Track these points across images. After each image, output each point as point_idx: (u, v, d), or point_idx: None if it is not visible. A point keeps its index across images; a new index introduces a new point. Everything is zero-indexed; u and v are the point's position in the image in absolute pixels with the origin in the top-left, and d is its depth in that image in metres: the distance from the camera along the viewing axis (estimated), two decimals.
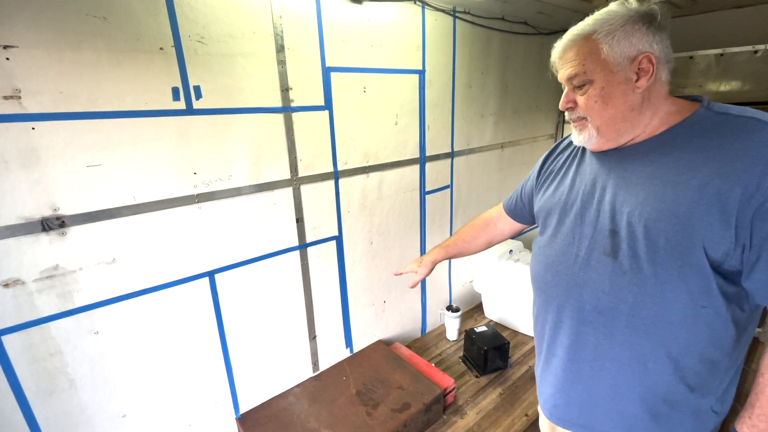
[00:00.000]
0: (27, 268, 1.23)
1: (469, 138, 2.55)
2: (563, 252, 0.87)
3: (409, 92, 2.12)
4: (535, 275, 0.96)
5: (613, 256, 0.77)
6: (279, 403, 1.91)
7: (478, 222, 1.32)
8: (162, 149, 1.40)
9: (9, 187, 1.16)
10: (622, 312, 0.77)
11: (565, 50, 0.81)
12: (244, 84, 1.54)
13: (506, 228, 1.27)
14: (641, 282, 0.75)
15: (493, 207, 1.32)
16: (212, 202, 1.56)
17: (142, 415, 1.55)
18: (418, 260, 1.32)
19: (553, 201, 0.93)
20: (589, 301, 0.81)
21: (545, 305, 0.93)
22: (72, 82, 1.20)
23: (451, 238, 1.35)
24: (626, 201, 0.77)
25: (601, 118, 0.80)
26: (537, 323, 1.00)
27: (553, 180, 0.98)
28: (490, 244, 1.32)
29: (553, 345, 0.92)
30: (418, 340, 2.66)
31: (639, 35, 0.74)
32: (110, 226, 1.35)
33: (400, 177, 2.22)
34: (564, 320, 0.88)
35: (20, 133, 1.15)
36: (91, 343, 1.39)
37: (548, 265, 0.90)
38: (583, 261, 0.82)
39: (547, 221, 0.94)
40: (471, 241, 1.31)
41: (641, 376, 0.79)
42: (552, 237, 0.91)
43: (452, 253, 1.32)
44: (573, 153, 0.97)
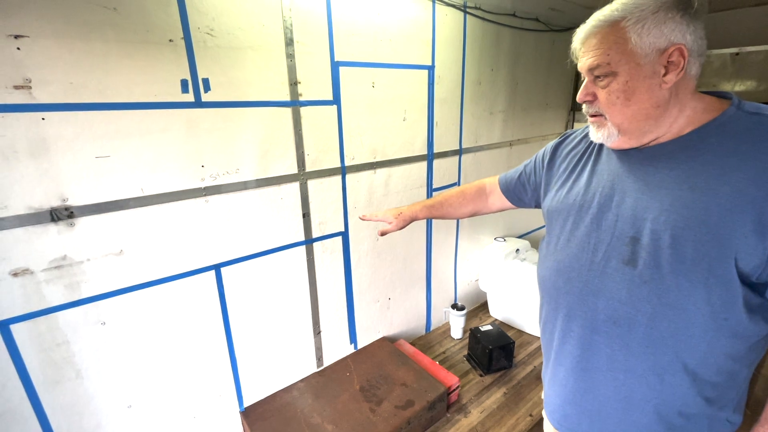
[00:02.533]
0: (35, 257, 1.23)
1: (478, 135, 2.53)
2: (577, 258, 0.82)
3: (418, 88, 2.10)
4: (545, 280, 0.92)
5: (632, 264, 0.73)
6: (283, 398, 1.92)
7: (469, 190, 1.26)
8: (170, 142, 1.40)
9: (18, 177, 1.17)
10: (640, 323, 0.73)
11: (588, 37, 0.74)
12: (252, 77, 1.53)
13: (496, 203, 1.23)
14: (662, 293, 0.70)
15: (486, 178, 1.26)
16: (219, 195, 1.56)
17: (147, 406, 1.56)
18: (395, 210, 1.25)
19: (567, 203, 0.88)
20: (604, 310, 0.77)
21: (555, 312, 0.89)
22: (82, 73, 1.20)
23: (437, 198, 1.27)
24: (649, 206, 0.72)
25: (621, 115, 0.74)
26: (545, 330, 0.95)
27: (567, 179, 0.92)
28: (474, 214, 1.28)
29: (561, 353, 0.88)
30: (422, 337, 2.65)
31: (672, 24, 0.67)
32: (118, 217, 1.36)
33: (408, 173, 2.20)
34: (574, 329, 0.84)
35: (30, 123, 1.15)
36: (97, 333, 1.39)
37: (560, 271, 0.86)
38: (599, 268, 0.78)
39: (559, 224, 0.89)
40: (457, 207, 1.25)
41: (657, 389, 0.76)
42: (565, 241, 0.86)
43: (435, 214, 1.26)
44: (589, 149, 0.90)
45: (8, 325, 1.23)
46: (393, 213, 1.23)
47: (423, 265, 2.50)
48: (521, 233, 3.18)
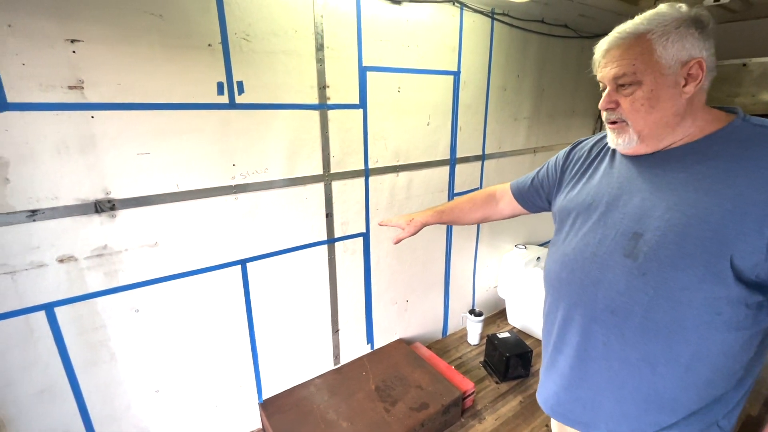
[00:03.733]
0: (80, 246, 1.32)
1: (501, 141, 2.52)
2: (581, 251, 0.87)
3: (443, 93, 2.12)
4: (549, 272, 0.96)
5: (633, 257, 0.77)
6: (300, 392, 1.96)
7: (479, 196, 1.29)
8: (205, 141, 1.47)
9: (68, 171, 1.26)
10: (636, 313, 0.77)
11: (612, 48, 0.79)
12: (283, 80, 1.59)
13: (507, 209, 1.25)
14: (659, 285, 0.75)
15: (497, 184, 1.29)
16: (248, 193, 1.62)
17: (173, 392, 1.63)
18: (407, 216, 1.27)
19: (576, 201, 0.93)
20: (603, 300, 0.82)
21: (556, 302, 0.93)
22: (128, 75, 1.29)
23: (448, 204, 1.31)
24: (656, 205, 0.77)
25: (644, 122, 0.78)
26: (547, 321, 0.99)
27: (578, 180, 0.96)
28: (484, 221, 1.31)
29: (560, 342, 0.92)
30: (438, 341, 2.65)
31: (692, 40, 0.73)
32: (154, 211, 1.44)
33: (430, 177, 2.22)
34: (575, 317, 0.88)
35: (81, 121, 1.25)
36: (131, 320, 1.47)
37: (564, 263, 0.90)
38: (601, 261, 0.82)
39: (567, 221, 0.94)
40: (468, 213, 1.28)
41: (649, 378, 0.79)
42: (573, 236, 0.91)
43: (445, 219, 1.28)
44: (602, 153, 0.95)
45: (53, 308, 1.32)
46: (405, 219, 1.26)
47: (442, 270, 2.51)
48: (542, 241, 3.15)
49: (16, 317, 1.27)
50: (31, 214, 1.22)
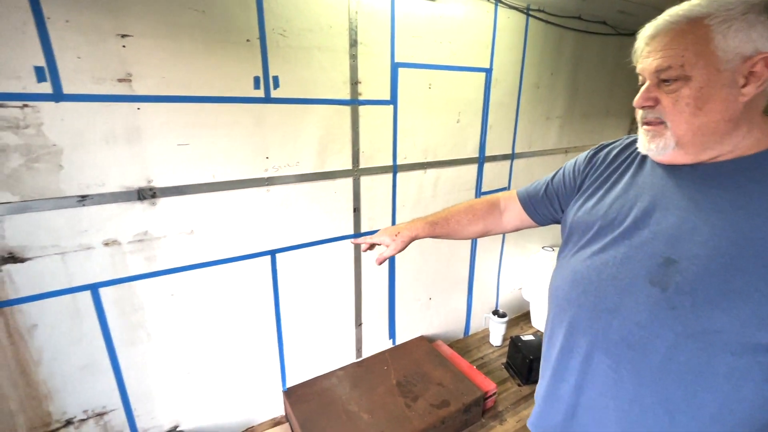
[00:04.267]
0: (123, 231, 1.40)
1: (532, 140, 2.47)
2: (597, 271, 0.75)
3: (474, 90, 2.10)
4: (556, 290, 0.85)
5: (661, 286, 0.66)
6: (322, 383, 2.00)
7: (480, 205, 1.08)
8: (240, 133, 1.52)
9: (115, 160, 1.33)
10: (657, 351, 0.66)
11: (659, 34, 0.66)
12: (317, 76, 1.62)
13: (513, 222, 1.07)
14: (690, 323, 0.63)
15: (500, 193, 1.11)
16: (280, 186, 1.66)
17: (202, 375, 1.70)
18: (393, 230, 1.03)
19: (595, 213, 0.80)
20: (618, 330, 0.71)
21: (560, 325, 0.83)
22: (172, 69, 1.34)
23: (441, 213, 1.08)
24: (697, 228, 0.65)
25: (687, 125, 0.66)
26: (548, 343, 0.88)
27: (597, 190, 0.84)
28: (484, 235, 1.10)
29: (564, 369, 0.81)
30: (460, 340, 2.64)
31: (761, 29, 0.60)
32: (191, 200, 1.50)
33: (457, 175, 2.21)
34: (580, 345, 0.77)
35: (128, 113, 1.31)
36: (167, 303, 1.54)
37: (575, 282, 0.79)
38: (622, 285, 0.71)
39: (583, 235, 0.82)
40: (465, 225, 1.06)
41: (665, 427, 0.68)
42: (587, 253, 0.79)
43: (439, 232, 1.06)
44: (630, 159, 0.81)
45: (98, 288, 1.40)
46: (390, 233, 1.03)
47: (466, 269, 2.49)
48: None
49: (65, 295, 1.35)
50: (81, 199, 1.30)
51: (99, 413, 1.52)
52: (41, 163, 1.22)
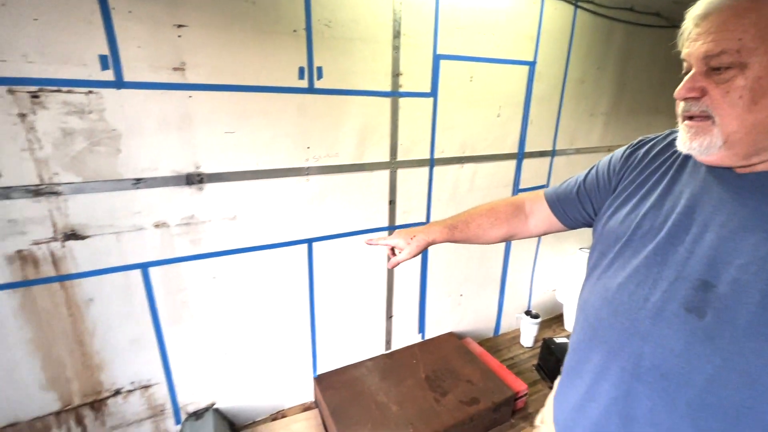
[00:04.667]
0: (172, 214, 1.46)
1: (574, 137, 2.39)
2: (629, 292, 0.69)
3: (516, 84, 2.04)
4: (587, 304, 0.79)
5: (697, 313, 0.60)
6: (352, 372, 2.03)
7: (503, 208, 0.99)
8: (284, 123, 1.55)
9: (167, 145, 1.39)
10: (695, 384, 0.61)
11: (712, 13, 0.57)
12: (359, 67, 1.63)
13: (540, 225, 0.98)
14: (731, 356, 0.57)
15: (525, 194, 1.02)
16: (319, 175, 1.69)
17: (238, 356, 1.76)
18: (408, 233, 0.97)
19: (627, 224, 0.73)
20: (650, 358, 0.65)
21: (591, 342, 0.77)
22: (223, 58, 1.38)
23: (461, 216, 1.00)
24: (739, 249, 0.58)
25: (739, 122, 0.57)
26: (576, 356, 0.82)
27: (632, 195, 0.76)
28: (508, 239, 1.02)
29: (595, 389, 0.76)
30: (489, 339, 2.60)
31: None
32: (235, 187, 1.54)
33: (495, 171, 2.16)
34: (612, 369, 0.72)
35: (180, 100, 1.37)
36: (209, 285, 1.61)
37: (606, 300, 0.73)
38: (654, 309, 0.65)
39: (614, 246, 0.74)
40: (487, 229, 0.98)
41: None
42: (618, 268, 0.73)
43: (458, 237, 0.99)
44: (668, 163, 0.72)
45: (147, 268, 1.47)
46: (405, 237, 0.97)
47: (499, 267, 2.45)
48: None
49: (118, 273, 1.43)
50: (135, 182, 1.37)
51: (144, 386, 1.60)
52: (102, 146, 1.30)
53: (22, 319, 1.34)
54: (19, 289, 1.30)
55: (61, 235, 1.32)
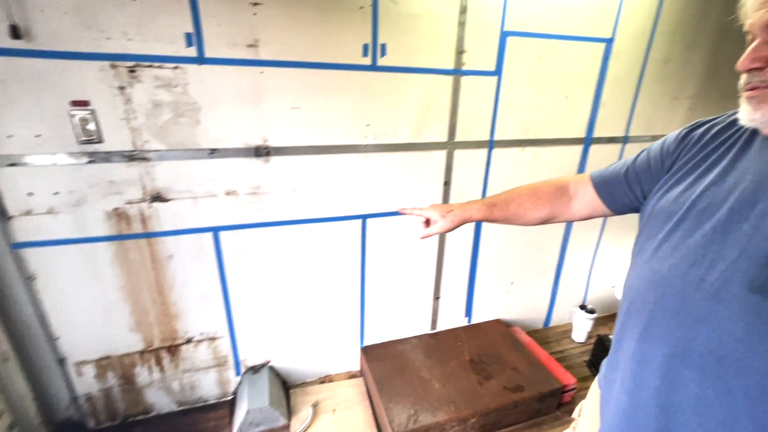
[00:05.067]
0: (241, 183, 1.58)
1: (652, 123, 2.19)
2: (681, 272, 0.65)
3: (589, 63, 1.91)
4: (631, 290, 0.75)
5: (763, 293, 0.56)
6: (397, 347, 2.09)
7: (546, 189, 0.96)
8: (346, 100, 1.59)
9: (240, 118, 1.49)
10: (756, 370, 0.57)
11: None
12: (422, 44, 1.61)
13: (584, 208, 0.93)
14: None
15: (569, 176, 0.98)
16: (376, 153, 1.72)
17: (292, 321, 1.89)
18: (443, 207, 0.97)
19: (681, 202, 0.69)
20: (706, 342, 0.62)
21: (630, 330, 0.74)
22: (293, 35, 1.44)
23: (501, 195, 0.97)
24: None
25: None
26: (617, 347, 0.79)
27: (687, 174, 0.71)
28: (549, 221, 0.97)
29: (632, 381, 0.73)
30: (538, 330, 2.53)
31: None
32: (298, 161, 1.62)
33: (558, 156, 2.06)
34: (655, 356, 0.68)
35: (253, 76, 1.45)
36: (271, 252, 1.72)
37: (653, 283, 0.69)
38: (712, 290, 0.61)
39: (665, 226, 0.70)
40: (528, 209, 0.95)
41: None
42: (669, 249, 0.68)
43: (497, 215, 0.96)
44: (733, 138, 0.68)
45: (218, 231, 1.61)
46: (440, 210, 0.97)
47: (555, 258, 2.35)
48: None
49: (193, 234, 1.59)
50: (211, 152, 1.49)
51: (211, 337, 1.78)
52: (184, 118, 1.42)
53: (117, 268, 1.53)
54: (114, 242, 1.50)
55: (149, 196, 1.48)
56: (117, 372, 1.69)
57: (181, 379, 1.80)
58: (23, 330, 1.51)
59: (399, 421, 1.64)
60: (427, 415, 1.67)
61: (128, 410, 1.78)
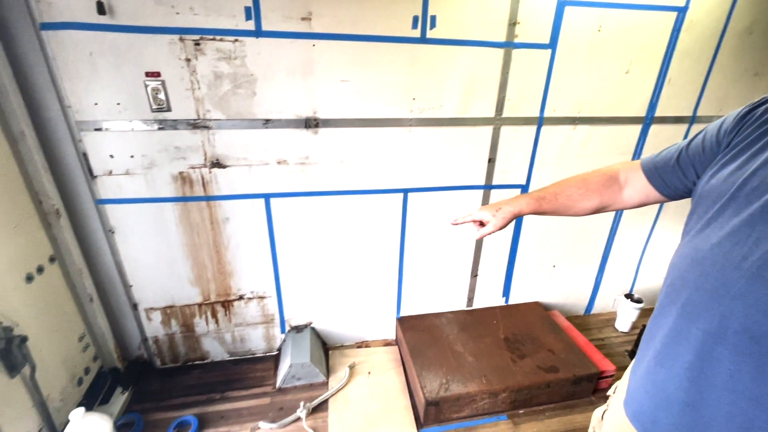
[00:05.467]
0: (292, 153, 1.67)
1: (725, 101, 2.00)
2: (724, 251, 0.65)
3: (657, 35, 1.76)
4: (674, 267, 0.75)
5: None
6: (432, 320, 2.14)
7: (595, 179, 0.96)
8: (394, 73, 1.61)
9: (292, 90, 1.56)
10: None
11: None
12: (474, 15, 1.57)
13: (636, 196, 0.92)
14: None
15: (618, 164, 0.96)
16: (421, 127, 1.73)
17: (334, 287, 2.00)
18: (493, 206, 1.00)
19: (731, 181, 0.67)
20: (740, 319, 0.62)
21: (669, 306, 0.74)
22: (344, 8, 1.47)
23: (550, 188, 0.99)
24: None
25: None
26: (653, 324, 0.80)
27: (742, 152, 0.69)
28: (600, 211, 0.97)
29: (665, 354, 0.74)
30: (579, 317, 2.47)
31: None
32: (344, 133, 1.68)
33: (612, 136, 1.95)
34: (691, 331, 0.69)
35: (305, 48, 1.51)
36: (316, 220, 1.82)
37: (695, 261, 0.69)
38: (753, 269, 0.61)
39: (712, 206, 0.69)
40: (578, 200, 0.96)
41: None
42: (714, 228, 0.68)
43: (546, 208, 0.97)
44: None
45: (269, 198, 1.73)
46: (490, 210, 1.00)
47: (602, 244, 2.26)
48: None
49: (247, 199, 1.71)
50: (266, 122, 1.58)
51: (260, 296, 1.93)
52: (242, 89, 1.52)
53: (181, 227, 1.70)
54: (179, 203, 1.65)
55: (209, 162, 1.61)
56: (179, 320, 1.89)
57: (233, 331, 1.98)
58: (104, 276, 1.74)
59: (431, 388, 1.71)
60: (458, 385, 1.73)
61: (188, 355, 1.99)
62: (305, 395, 1.84)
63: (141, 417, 1.69)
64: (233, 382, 1.92)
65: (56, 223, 1.52)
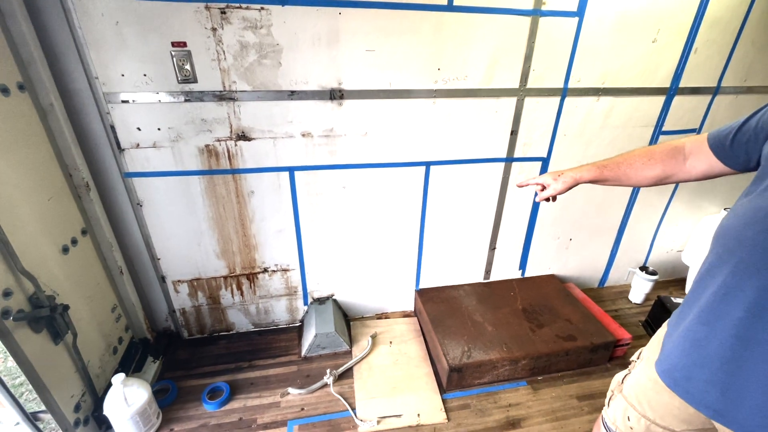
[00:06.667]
0: (316, 125, 1.66)
1: (750, 71, 1.97)
2: None
3: (687, 1, 1.72)
4: (727, 229, 0.76)
5: None
6: (450, 292, 2.19)
7: (660, 149, 0.97)
8: (419, 42, 1.58)
9: (317, 61, 1.54)
10: None
11: None
12: None
13: (699, 167, 0.93)
14: None
15: (685, 137, 0.97)
16: (445, 99, 1.72)
17: (355, 260, 2.03)
18: (555, 172, 1.08)
19: None
20: None
21: (721, 265, 0.74)
22: None
23: (614, 158, 1.02)
24: None
25: None
26: (699, 284, 0.80)
27: None
28: (663, 181, 0.98)
29: (711, 311, 0.75)
30: (593, 289, 2.52)
31: None
32: (369, 104, 1.67)
33: (636, 107, 1.93)
34: (745, 288, 0.69)
35: (330, 17, 1.48)
36: (339, 193, 1.83)
37: (753, 220, 0.69)
38: None
39: None
40: (640, 170, 0.98)
41: None
42: None
43: (608, 176, 1.01)
44: None
45: (294, 171, 1.74)
46: (552, 174, 1.08)
47: (618, 217, 2.28)
48: None
49: (272, 172, 1.72)
50: (291, 94, 1.57)
51: (284, 269, 1.97)
52: (268, 59, 1.50)
53: (207, 200, 1.72)
54: (205, 176, 1.66)
55: (235, 135, 1.61)
56: (205, 292, 1.93)
57: (257, 303, 2.03)
58: (133, 249, 1.77)
59: (453, 355, 1.76)
60: (479, 353, 1.78)
61: (214, 326, 2.05)
62: (330, 363, 1.90)
63: (174, 384, 1.75)
64: (259, 351, 1.98)
65: (86, 196, 1.54)
